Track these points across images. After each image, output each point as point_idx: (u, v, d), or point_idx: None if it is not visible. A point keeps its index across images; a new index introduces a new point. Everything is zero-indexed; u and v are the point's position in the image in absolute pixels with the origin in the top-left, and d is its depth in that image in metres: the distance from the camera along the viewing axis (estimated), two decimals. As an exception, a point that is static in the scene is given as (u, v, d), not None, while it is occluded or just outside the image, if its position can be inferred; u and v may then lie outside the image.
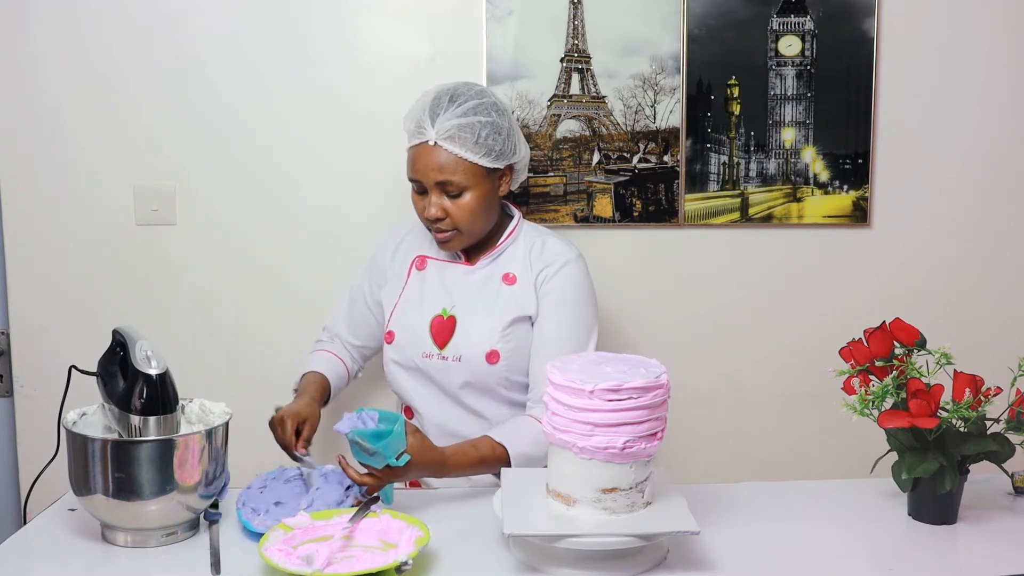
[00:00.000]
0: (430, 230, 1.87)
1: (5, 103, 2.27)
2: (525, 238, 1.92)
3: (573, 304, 1.86)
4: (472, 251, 1.93)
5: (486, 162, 1.81)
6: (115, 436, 1.53)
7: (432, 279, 1.93)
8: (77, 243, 2.32)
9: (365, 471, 1.58)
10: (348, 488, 1.61)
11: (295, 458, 1.78)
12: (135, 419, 1.50)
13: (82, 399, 1.60)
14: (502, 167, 1.85)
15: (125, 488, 1.45)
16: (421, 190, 1.85)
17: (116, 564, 1.46)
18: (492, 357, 1.84)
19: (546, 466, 1.78)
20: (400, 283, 1.97)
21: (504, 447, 1.73)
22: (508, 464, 1.72)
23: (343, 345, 2.10)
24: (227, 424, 1.56)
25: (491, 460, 1.73)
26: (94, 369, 1.59)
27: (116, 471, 1.45)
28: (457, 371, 1.87)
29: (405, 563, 1.32)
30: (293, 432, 1.80)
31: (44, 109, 2.27)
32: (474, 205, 1.82)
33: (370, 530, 1.46)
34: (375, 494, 1.58)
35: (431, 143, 1.79)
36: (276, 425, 1.82)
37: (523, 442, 1.74)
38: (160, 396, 1.50)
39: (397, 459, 1.55)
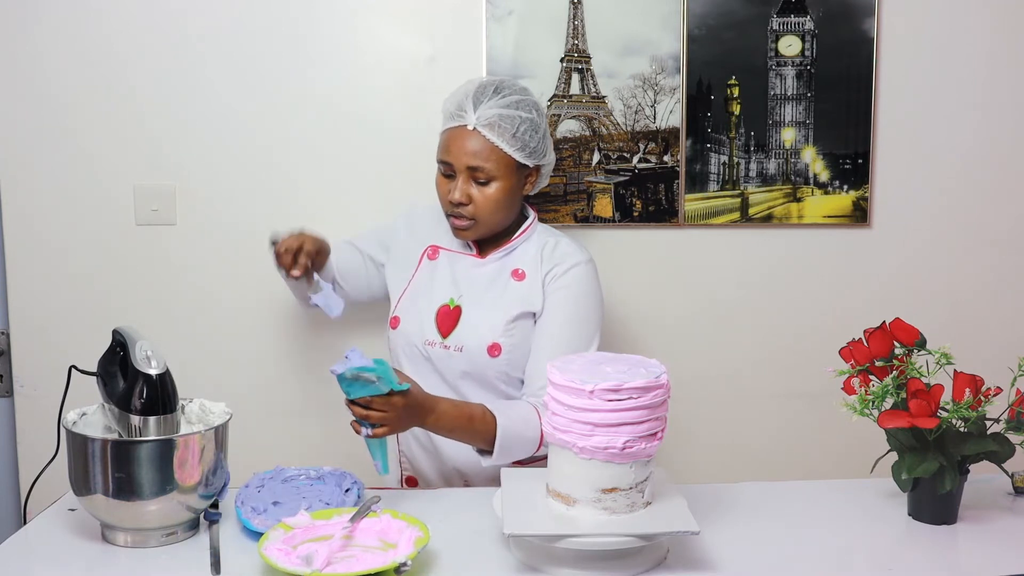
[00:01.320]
0: (448, 216, 1.88)
1: (5, 103, 2.27)
2: (538, 237, 1.93)
3: (578, 305, 1.87)
4: (485, 245, 1.94)
5: (519, 156, 1.83)
6: (115, 436, 1.53)
7: (443, 269, 1.94)
8: (77, 243, 2.32)
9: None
10: (347, 490, 1.61)
11: (296, 276, 1.85)
12: (135, 419, 1.50)
13: (82, 399, 1.60)
14: (531, 166, 1.86)
15: (125, 488, 1.45)
16: (449, 173, 1.86)
17: (116, 564, 1.46)
18: (494, 350, 1.85)
19: (536, 460, 1.79)
20: (410, 269, 1.98)
21: (495, 415, 1.73)
22: (495, 432, 1.72)
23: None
24: (227, 424, 1.56)
25: (479, 422, 1.73)
26: (94, 369, 1.59)
27: (116, 471, 1.45)
28: (458, 361, 1.88)
29: (404, 564, 1.32)
30: (300, 247, 1.85)
31: (44, 109, 2.27)
32: (499, 196, 1.83)
33: (370, 530, 1.46)
34: (375, 494, 1.58)
35: (470, 127, 1.82)
36: (283, 242, 1.87)
37: (513, 417, 1.75)
38: (160, 396, 1.50)
39: (399, 385, 1.60)
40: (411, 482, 2.01)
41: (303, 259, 1.86)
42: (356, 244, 2.10)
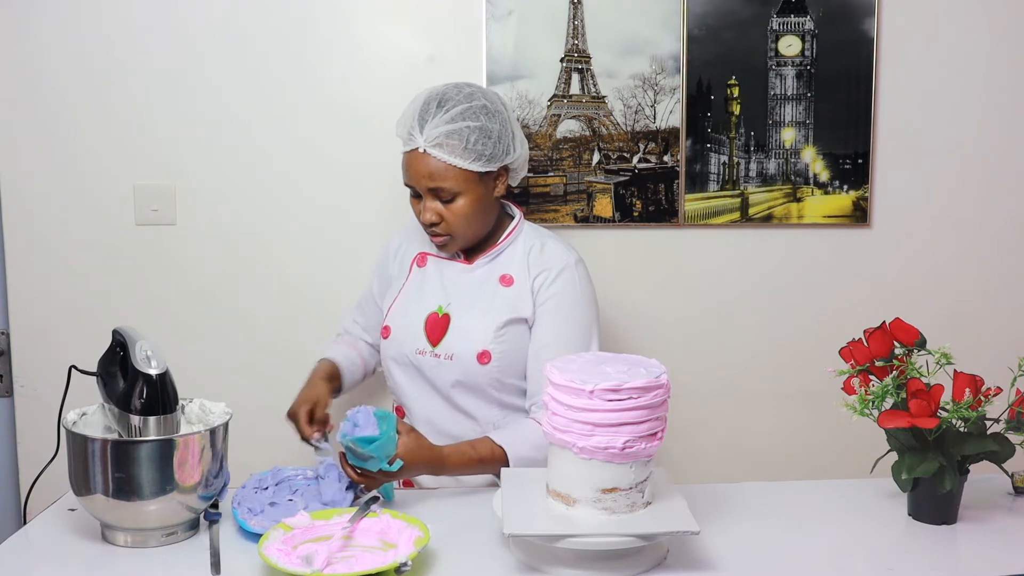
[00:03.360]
0: (428, 233, 1.88)
1: (5, 103, 2.27)
2: (525, 239, 1.92)
3: (570, 310, 1.86)
4: (471, 250, 1.93)
5: (476, 167, 1.80)
6: (115, 436, 1.53)
7: (432, 276, 1.94)
8: (77, 243, 2.32)
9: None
10: (348, 488, 1.61)
11: (315, 447, 1.80)
12: (135, 419, 1.50)
13: (82, 399, 1.60)
14: (495, 169, 1.85)
15: (125, 488, 1.45)
16: (416, 194, 1.85)
17: (116, 564, 1.46)
18: (483, 357, 1.84)
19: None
20: (401, 280, 1.97)
21: (504, 449, 1.73)
22: (506, 461, 1.72)
23: (358, 339, 2.12)
24: (227, 424, 1.56)
25: (489, 462, 1.73)
26: (94, 369, 1.58)
27: (116, 471, 1.45)
28: (448, 369, 1.87)
29: (404, 564, 1.32)
30: (307, 421, 1.82)
31: (44, 109, 2.27)
32: (467, 210, 1.82)
33: (370, 530, 1.46)
34: (374, 493, 1.58)
35: (420, 150, 1.80)
36: (293, 417, 1.85)
37: (524, 446, 1.74)
38: (160, 396, 1.50)
39: (390, 464, 1.57)
40: (407, 483, 2.01)
41: (313, 432, 1.81)
42: (368, 295, 2.09)
